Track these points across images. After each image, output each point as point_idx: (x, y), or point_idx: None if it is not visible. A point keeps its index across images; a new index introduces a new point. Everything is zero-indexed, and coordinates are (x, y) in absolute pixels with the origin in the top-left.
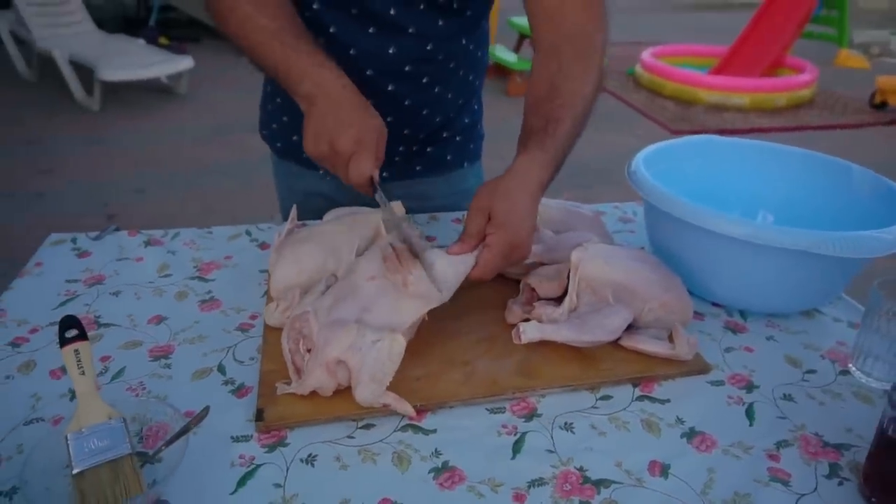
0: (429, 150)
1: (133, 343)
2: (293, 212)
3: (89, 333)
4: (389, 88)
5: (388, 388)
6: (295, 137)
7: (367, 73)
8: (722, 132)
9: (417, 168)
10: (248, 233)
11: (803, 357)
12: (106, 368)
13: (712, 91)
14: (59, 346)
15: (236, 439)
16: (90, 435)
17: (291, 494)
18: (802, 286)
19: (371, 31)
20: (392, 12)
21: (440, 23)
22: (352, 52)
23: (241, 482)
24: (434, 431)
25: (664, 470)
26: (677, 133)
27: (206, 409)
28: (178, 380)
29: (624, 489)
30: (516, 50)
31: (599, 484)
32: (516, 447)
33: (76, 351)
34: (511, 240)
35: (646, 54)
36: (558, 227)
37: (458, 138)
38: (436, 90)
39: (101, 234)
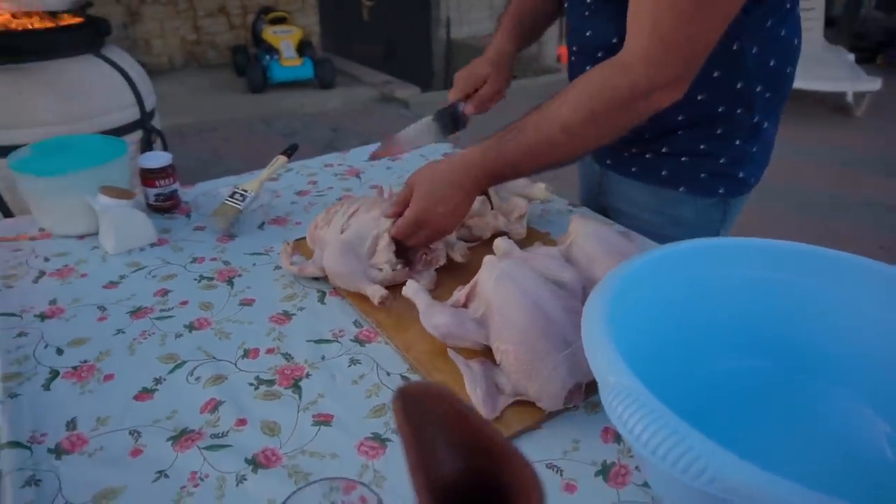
0: (647, 156)
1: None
2: None
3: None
4: (587, 68)
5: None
6: None
7: (574, 48)
8: None
9: (633, 169)
10: None
11: None
12: (292, 186)
13: None
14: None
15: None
16: (240, 194)
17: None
18: None
19: (586, 14)
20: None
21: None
22: (571, 28)
23: (255, 256)
24: (302, 309)
25: (328, 422)
26: None
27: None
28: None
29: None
30: None
31: (303, 394)
32: (319, 342)
33: (277, 159)
34: (417, 216)
35: None
36: (576, 254)
37: (683, 158)
38: None
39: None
